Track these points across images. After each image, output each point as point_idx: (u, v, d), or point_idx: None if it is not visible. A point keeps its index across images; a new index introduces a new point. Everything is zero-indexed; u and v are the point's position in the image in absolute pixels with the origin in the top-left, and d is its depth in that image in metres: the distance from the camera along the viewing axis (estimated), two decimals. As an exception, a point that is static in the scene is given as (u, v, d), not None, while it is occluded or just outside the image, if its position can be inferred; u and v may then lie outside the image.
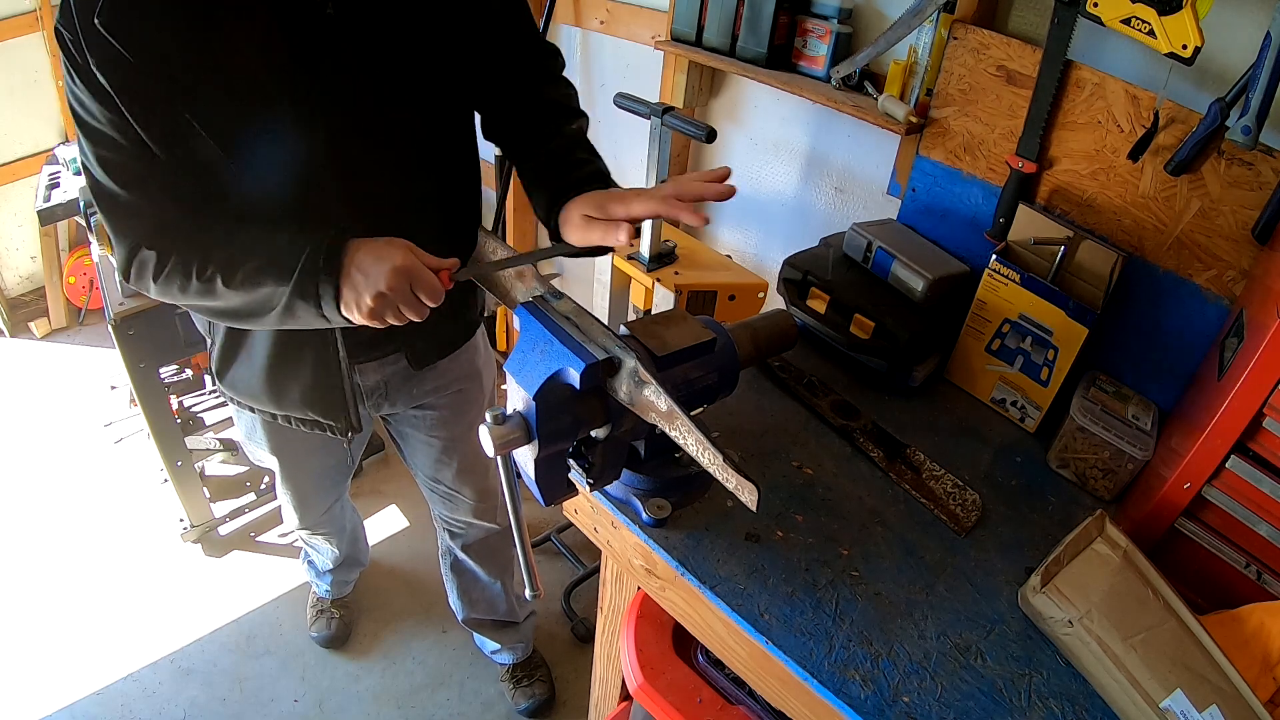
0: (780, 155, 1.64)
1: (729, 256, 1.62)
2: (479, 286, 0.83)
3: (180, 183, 0.84)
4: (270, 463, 1.34)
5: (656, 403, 0.66)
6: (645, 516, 0.84)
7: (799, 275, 1.19)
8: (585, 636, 1.91)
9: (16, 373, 2.71)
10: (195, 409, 2.31)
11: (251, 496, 2.16)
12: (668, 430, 0.67)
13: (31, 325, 2.88)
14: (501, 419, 0.69)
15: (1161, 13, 0.86)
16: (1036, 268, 1.06)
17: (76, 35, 0.75)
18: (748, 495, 0.62)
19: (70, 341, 2.89)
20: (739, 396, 0.94)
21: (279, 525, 2.16)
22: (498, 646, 1.74)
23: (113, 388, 2.59)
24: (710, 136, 1.33)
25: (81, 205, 1.70)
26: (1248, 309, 0.86)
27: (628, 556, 0.91)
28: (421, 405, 1.27)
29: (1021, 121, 1.07)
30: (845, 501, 0.91)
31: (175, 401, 2.24)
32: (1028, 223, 1.09)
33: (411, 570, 2.07)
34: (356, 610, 1.94)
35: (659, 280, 1.50)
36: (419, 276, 0.76)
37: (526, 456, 0.74)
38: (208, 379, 2.32)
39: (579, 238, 0.85)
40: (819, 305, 1.16)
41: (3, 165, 2.76)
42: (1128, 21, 0.89)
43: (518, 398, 0.71)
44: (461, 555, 1.55)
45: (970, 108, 1.14)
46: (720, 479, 0.64)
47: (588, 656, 1.70)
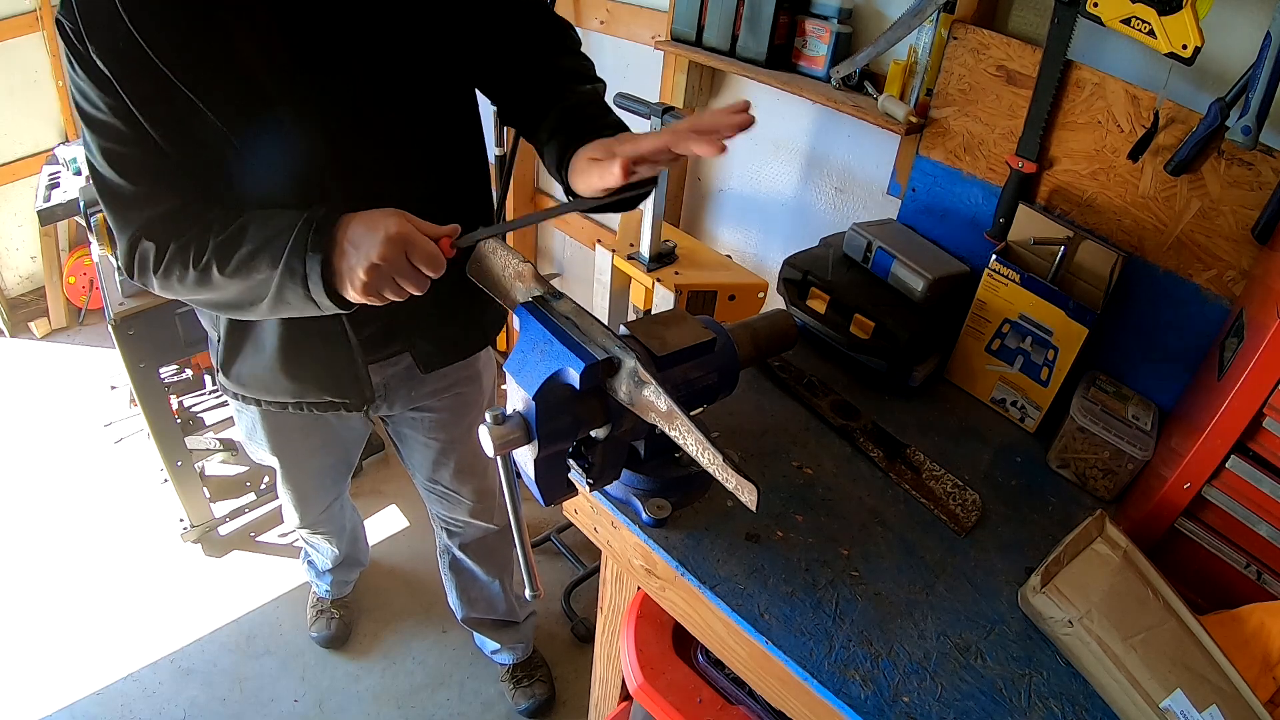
0: (780, 155, 1.64)
1: (729, 256, 1.62)
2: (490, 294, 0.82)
3: (184, 175, 0.83)
4: (271, 461, 1.34)
5: (656, 403, 0.66)
6: (645, 516, 0.84)
7: (799, 275, 1.19)
8: (585, 636, 1.91)
9: (16, 373, 2.71)
10: (195, 409, 2.32)
11: (251, 496, 2.16)
12: (667, 430, 0.67)
13: (31, 325, 2.88)
14: (501, 419, 0.69)
15: (1161, 13, 0.86)
16: (1036, 268, 1.06)
17: (77, 23, 0.75)
18: (747, 495, 0.62)
19: (70, 341, 2.89)
20: (739, 396, 0.94)
21: (279, 525, 2.16)
22: (498, 646, 1.74)
23: (113, 388, 2.59)
24: (710, 136, 1.32)
25: (81, 205, 1.70)
26: (1248, 309, 0.86)
27: (628, 556, 0.91)
28: (420, 407, 1.27)
29: (1021, 121, 1.07)
30: (845, 501, 0.91)
31: (175, 401, 2.24)
32: (1028, 223, 1.09)
33: (411, 570, 2.07)
34: (356, 610, 1.94)
35: (659, 280, 1.50)
36: (415, 244, 0.72)
37: (526, 456, 0.74)
38: (208, 379, 2.32)
39: (582, 184, 0.81)
40: (819, 305, 1.16)
41: (3, 165, 2.76)
42: (1128, 21, 0.89)
43: (517, 398, 0.71)
44: (459, 554, 1.55)
45: (970, 108, 1.14)
46: (720, 479, 0.64)
47: (588, 656, 1.70)
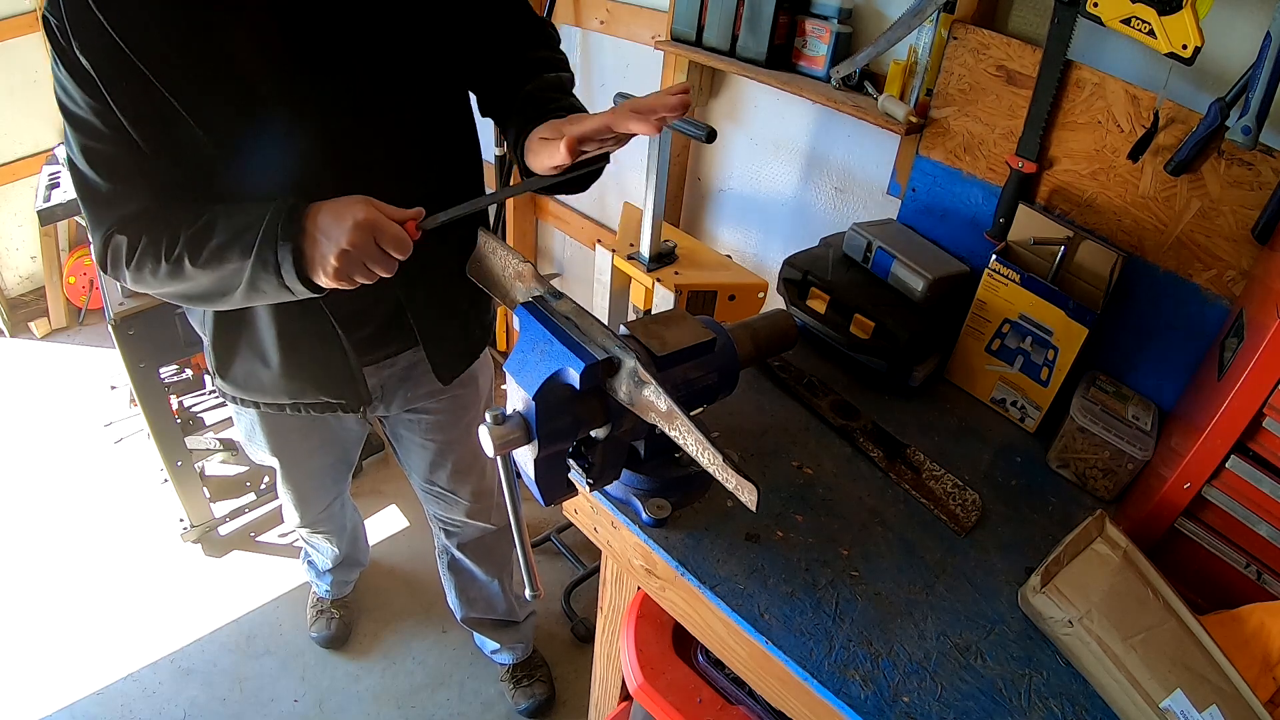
0: (780, 155, 1.64)
1: (729, 256, 1.62)
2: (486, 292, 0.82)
3: (162, 175, 0.83)
4: (270, 462, 1.34)
5: (656, 403, 0.66)
6: (645, 516, 0.84)
7: (799, 275, 1.19)
8: (585, 636, 1.91)
9: (16, 373, 2.71)
10: (195, 409, 2.31)
11: (251, 496, 2.16)
12: (667, 430, 0.67)
13: (31, 325, 2.88)
14: (501, 419, 0.69)
15: (1161, 13, 0.86)
16: (1036, 268, 1.06)
17: (62, 19, 0.75)
18: (747, 495, 0.62)
19: (70, 341, 2.89)
20: (739, 396, 0.94)
21: (279, 525, 2.16)
22: (497, 646, 1.73)
23: (113, 388, 2.59)
24: (710, 136, 1.33)
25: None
26: (1248, 309, 0.86)
27: (628, 556, 0.91)
28: (416, 409, 1.27)
29: (1021, 121, 1.07)
30: (845, 501, 0.91)
31: (175, 401, 2.24)
32: (1028, 223, 1.09)
33: (411, 570, 2.07)
34: (356, 610, 1.94)
35: (659, 280, 1.50)
36: (382, 229, 0.75)
37: (526, 456, 0.74)
38: (208, 379, 2.32)
39: (535, 163, 0.85)
40: (819, 305, 1.16)
41: (3, 165, 2.76)
42: (1128, 21, 0.89)
43: (517, 398, 0.71)
44: (458, 554, 1.55)
45: (970, 108, 1.14)
46: (720, 479, 0.64)
47: (588, 656, 1.70)
